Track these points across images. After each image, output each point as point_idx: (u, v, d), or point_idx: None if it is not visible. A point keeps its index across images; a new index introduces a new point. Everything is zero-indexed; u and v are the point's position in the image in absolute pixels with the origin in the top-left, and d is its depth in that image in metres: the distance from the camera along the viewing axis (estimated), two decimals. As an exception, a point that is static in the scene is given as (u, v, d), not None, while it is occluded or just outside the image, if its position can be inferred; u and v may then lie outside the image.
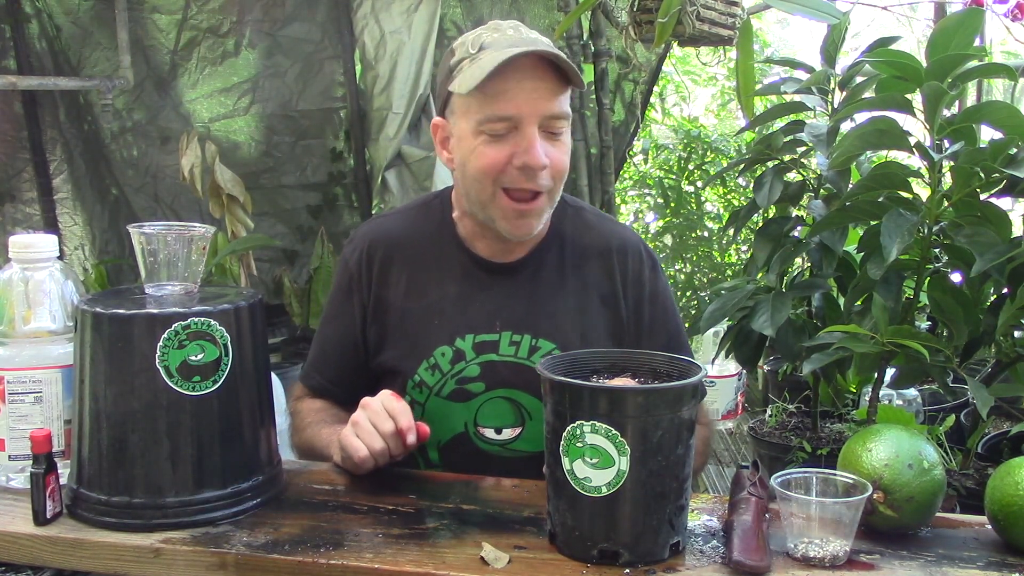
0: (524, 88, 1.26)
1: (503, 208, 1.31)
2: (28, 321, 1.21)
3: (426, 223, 1.46)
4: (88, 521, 1.12)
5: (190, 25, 3.74)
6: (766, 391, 3.27)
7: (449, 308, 1.40)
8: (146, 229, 1.21)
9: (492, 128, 1.27)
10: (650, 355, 1.16)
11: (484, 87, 1.24)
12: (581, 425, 1.00)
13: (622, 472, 0.99)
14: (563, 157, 1.32)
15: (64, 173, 3.91)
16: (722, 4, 1.99)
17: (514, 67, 1.25)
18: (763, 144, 1.83)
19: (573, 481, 1.01)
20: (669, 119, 5.63)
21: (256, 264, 3.62)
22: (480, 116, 1.28)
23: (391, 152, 3.49)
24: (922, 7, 3.74)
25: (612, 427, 0.99)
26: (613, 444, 0.99)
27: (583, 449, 1.00)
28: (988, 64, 1.78)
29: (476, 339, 1.39)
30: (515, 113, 1.26)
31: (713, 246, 4.77)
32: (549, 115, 1.28)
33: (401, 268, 1.43)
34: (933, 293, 1.47)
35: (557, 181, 1.32)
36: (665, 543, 1.03)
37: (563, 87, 1.29)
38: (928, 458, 1.08)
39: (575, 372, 1.10)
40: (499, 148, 1.28)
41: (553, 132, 1.30)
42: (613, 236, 1.47)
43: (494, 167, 1.28)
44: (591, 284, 1.43)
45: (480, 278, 1.42)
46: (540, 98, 1.27)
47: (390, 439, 1.21)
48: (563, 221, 1.45)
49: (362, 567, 1.02)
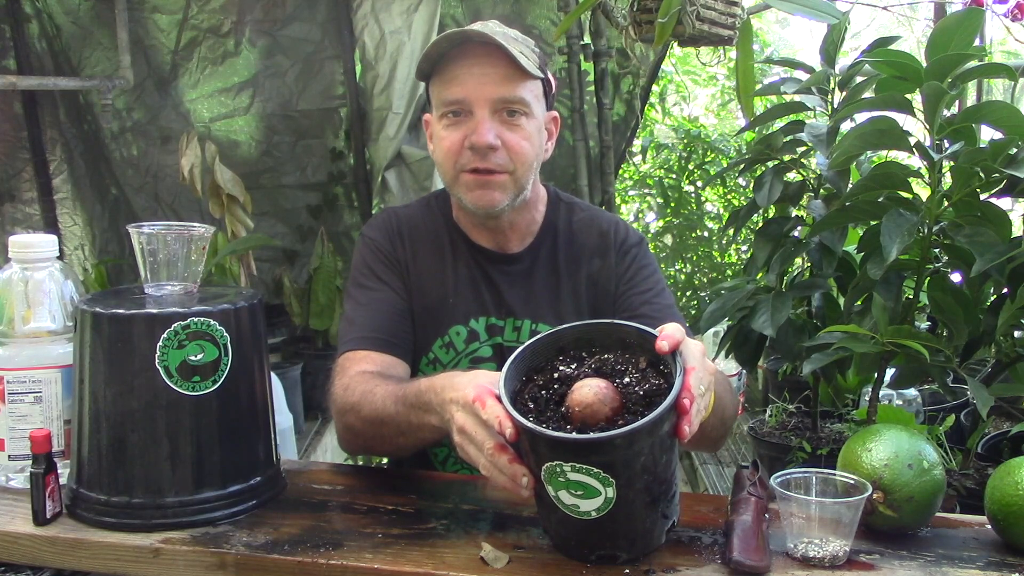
0: (473, 74, 1.34)
1: (465, 183, 1.39)
2: (28, 321, 1.21)
3: (434, 215, 1.54)
4: (88, 521, 1.12)
5: (190, 25, 3.74)
6: (766, 391, 3.27)
7: (464, 290, 1.47)
8: (146, 229, 1.21)
9: (449, 111, 1.37)
10: (619, 325, 1.07)
11: (441, 74, 1.36)
12: (560, 464, 0.94)
13: (609, 499, 0.95)
14: (521, 141, 1.37)
15: (64, 173, 3.91)
16: (722, 4, 1.98)
17: (465, 54, 1.35)
18: (763, 144, 1.83)
19: (561, 506, 0.97)
20: (669, 119, 5.63)
21: (256, 264, 3.62)
22: (438, 101, 1.39)
23: (391, 152, 3.49)
24: (922, 7, 3.75)
25: (593, 467, 0.93)
26: (597, 480, 0.94)
27: (566, 483, 0.95)
28: (988, 64, 1.78)
29: (488, 322, 1.47)
30: (464, 96, 1.35)
31: (713, 246, 4.77)
32: (499, 99, 1.35)
33: (421, 250, 1.49)
34: (933, 293, 1.47)
35: (519, 164, 1.38)
36: (661, 532, 1.04)
37: (517, 75, 1.35)
38: (928, 458, 1.08)
39: (540, 355, 1.05)
40: (455, 131, 1.37)
41: (510, 116, 1.36)
42: (601, 221, 1.54)
43: (452, 149, 1.37)
44: (584, 271, 1.50)
45: (484, 267, 1.49)
46: (489, 83, 1.34)
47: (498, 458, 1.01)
48: (556, 216, 1.53)
49: (362, 567, 1.02)
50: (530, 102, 1.37)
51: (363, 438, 1.27)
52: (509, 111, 1.36)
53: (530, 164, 1.40)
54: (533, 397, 1.01)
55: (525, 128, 1.38)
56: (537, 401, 1.00)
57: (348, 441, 1.32)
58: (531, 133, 1.38)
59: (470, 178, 1.38)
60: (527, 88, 1.37)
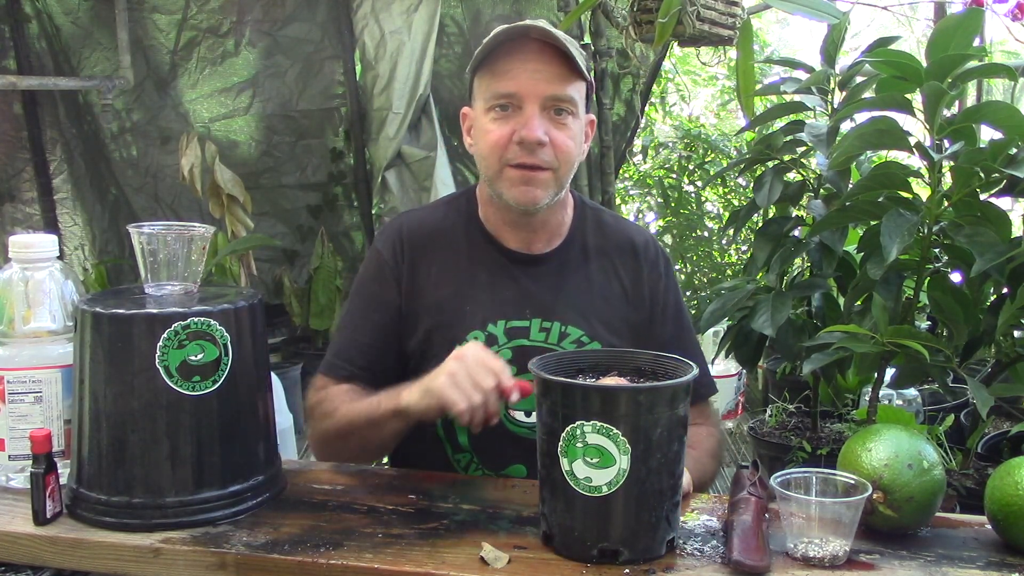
0: (527, 69, 1.34)
1: (509, 178, 1.38)
2: (28, 321, 1.21)
3: (455, 217, 1.52)
4: (88, 521, 1.12)
5: (190, 25, 3.75)
6: (766, 391, 3.27)
7: (481, 295, 1.45)
8: (146, 229, 1.21)
9: (497, 104, 1.36)
10: (633, 353, 1.17)
11: (492, 68, 1.36)
12: (581, 425, 0.99)
13: (623, 471, 0.99)
14: (567, 140, 1.37)
15: (64, 173, 3.91)
16: (722, 4, 1.99)
17: (520, 50, 1.34)
18: (763, 144, 1.83)
19: (572, 481, 1.01)
20: (670, 119, 5.63)
21: (256, 264, 3.63)
22: (487, 94, 1.37)
23: (391, 152, 3.49)
24: (922, 7, 3.75)
25: (613, 426, 0.98)
26: (615, 443, 0.99)
27: (583, 449, 1.00)
28: (988, 64, 1.78)
29: (508, 325, 1.44)
30: (516, 91, 1.34)
31: (713, 246, 4.77)
32: (550, 96, 1.34)
33: (433, 256, 1.48)
34: (933, 293, 1.47)
35: (563, 162, 1.38)
36: (663, 539, 1.04)
37: (569, 74, 1.35)
38: (928, 458, 1.08)
39: (561, 372, 1.10)
40: (503, 125, 1.36)
41: (557, 115, 1.36)
42: (634, 234, 1.55)
43: (499, 143, 1.36)
44: (613, 278, 1.49)
45: (508, 268, 1.47)
46: (542, 79, 1.34)
47: (490, 394, 1.18)
48: (584, 222, 1.52)
49: (362, 567, 1.02)
50: (577, 101, 1.38)
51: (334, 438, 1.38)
52: (557, 109, 1.36)
53: (572, 163, 1.40)
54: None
55: (571, 127, 1.37)
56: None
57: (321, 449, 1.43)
58: (576, 133, 1.39)
59: (515, 174, 1.37)
60: (576, 88, 1.37)
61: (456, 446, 1.44)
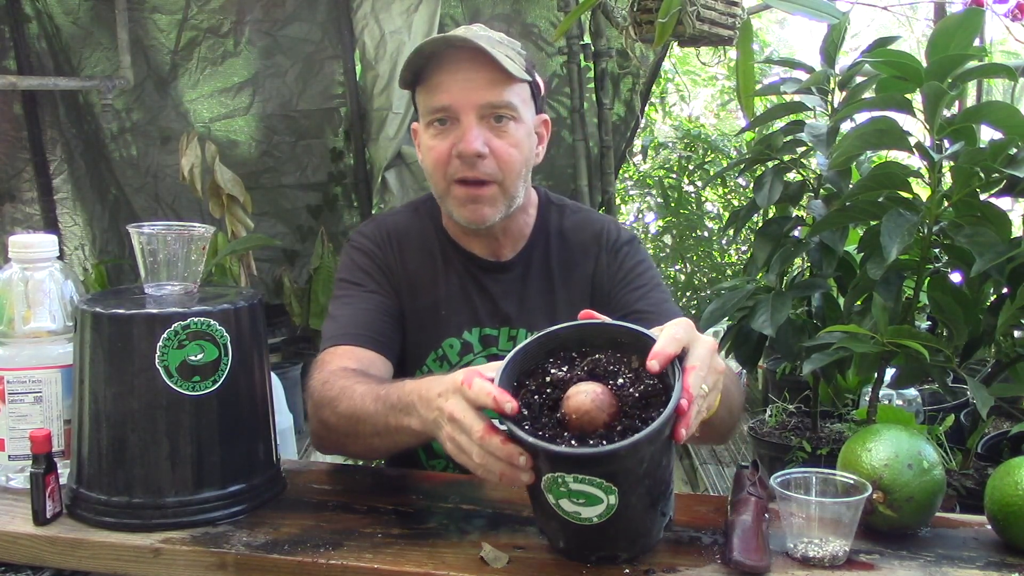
0: (458, 80, 1.30)
1: (456, 197, 1.35)
2: (28, 321, 1.21)
3: (427, 221, 1.49)
4: (88, 521, 1.12)
5: (190, 25, 3.75)
6: (766, 391, 3.27)
7: (455, 302, 1.44)
8: (146, 229, 1.21)
9: (436, 119, 1.34)
10: (606, 325, 1.04)
11: (427, 82, 1.33)
12: (563, 476, 0.92)
13: (612, 506, 0.94)
14: (509, 149, 1.33)
15: (64, 173, 3.91)
16: (722, 4, 1.99)
17: (450, 60, 1.31)
18: (763, 144, 1.83)
19: (562, 513, 0.96)
20: (670, 119, 5.63)
21: (256, 264, 3.63)
22: (424, 110, 1.36)
23: (391, 152, 3.49)
24: (922, 7, 3.75)
25: (596, 477, 0.92)
26: (600, 489, 0.92)
27: (567, 493, 0.94)
28: (988, 64, 1.78)
29: (482, 332, 1.43)
30: (450, 103, 1.31)
31: (713, 246, 4.77)
32: (486, 104, 1.31)
33: (408, 260, 1.46)
34: (933, 293, 1.47)
35: (507, 172, 1.34)
36: (659, 530, 1.04)
37: (504, 79, 1.31)
38: (928, 458, 1.08)
39: (530, 362, 1.02)
40: (443, 140, 1.33)
41: (497, 122, 1.32)
42: (592, 221, 1.51)
43: (440, 159, 1.34)
44: (579, 273, 1.47)
45: (478, 276, 1.45)
46: (474, 88, 1.30)
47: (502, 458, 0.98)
48: (548, 219, 1.50)
49: (362, 567, 1.02)
50: (517, 106, 1.33)
51: (337, 434, 1.21)
52: (496, 116, 1.32)
53: (519, 172, 1.36)
54: (527, 403, 0.98)
55: (513, 134, 1.34)
56: (531, 407, 0.98)
57: (321, 438, 1.26)
58: (520, 139, 1.35)
59: (461, 192, 1.34)
60: (514, 92, 1.33)
61: (430, 452, 1.43)
